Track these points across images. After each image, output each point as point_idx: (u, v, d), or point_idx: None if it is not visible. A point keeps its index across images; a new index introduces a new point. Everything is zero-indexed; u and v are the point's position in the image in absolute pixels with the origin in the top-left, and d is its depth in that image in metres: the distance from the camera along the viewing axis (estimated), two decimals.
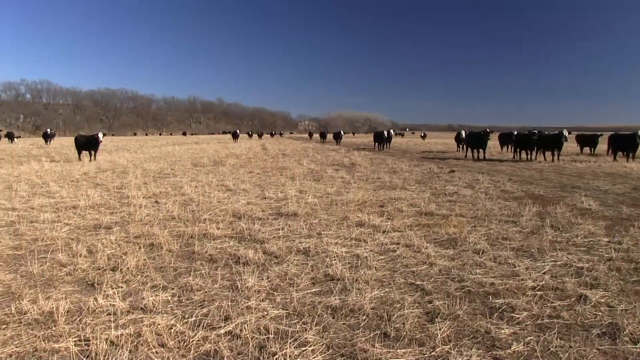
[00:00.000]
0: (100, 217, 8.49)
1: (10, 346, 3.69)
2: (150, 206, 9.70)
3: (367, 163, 21.16)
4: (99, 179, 14.85)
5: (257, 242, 6.85)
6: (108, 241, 6.75)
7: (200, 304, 4.55)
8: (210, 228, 7.57)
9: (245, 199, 10.59)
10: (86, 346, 3.68)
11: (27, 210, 9.34)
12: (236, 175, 16.03)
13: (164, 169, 18.35)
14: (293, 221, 8.19)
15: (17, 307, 4.43)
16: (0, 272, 5.48)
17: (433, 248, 6.47)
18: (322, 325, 4.09)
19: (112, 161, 22.70)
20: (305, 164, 20.61)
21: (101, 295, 4.64)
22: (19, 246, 6.69)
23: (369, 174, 16.08)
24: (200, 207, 9.50)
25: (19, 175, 16.12)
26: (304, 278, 5.29)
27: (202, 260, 6.02)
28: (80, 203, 9.95)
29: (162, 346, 3.69)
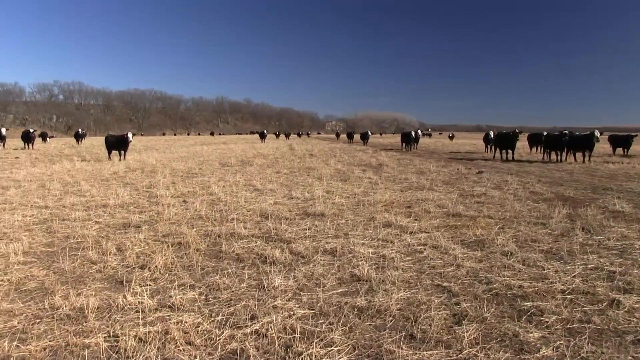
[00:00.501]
0: (129, 216, 8.67)
1: (44, 340, 3.81)
2: (178, 205, 9.86)
3: (394, 164, 21.07)
4: (129, 178, 15.16)
5: (284, 242, 6.90)
6: (137, 240, 6.90)
7: (227, 303, 4.62)
8: (237, 227, 7.66)
9: (273, 198, 10.67)
10: (115, 342, 3.77)
11: (59, 208, 9.60)
12: (263, 175, 16.15)
13: (192, 169, 18.61)
14: (320, 221, 8.22)
15: (50, 303, 4.57)
16: (34, 268, 5.66)
17: (460, 249, 6.42)
18: (348, 326, 4.10)
19: (141, 161, 23.12)
20: (332, 164, 20.63)
21: (130, 293, 4.75)
22: (52, 243, 6.90)
23: (396, 175, 16.02)
24: (228, 207, 9.61)
25: (51, 174, 16.56)
26: (331, 278, 5.32)
27: (229, 259, 6.10)
28: (110, 202, 10.18)
29: (189, 344, 3.76)
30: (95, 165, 20.23)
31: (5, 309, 4.44)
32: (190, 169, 18.45)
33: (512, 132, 24.77)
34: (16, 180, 14.67)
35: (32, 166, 20.26)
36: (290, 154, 29.04)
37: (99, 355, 3.58)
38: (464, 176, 15.82)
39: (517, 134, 24.43)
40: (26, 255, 6.25)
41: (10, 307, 4.49)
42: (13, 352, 3.60)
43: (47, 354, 3.61)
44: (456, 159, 26.05)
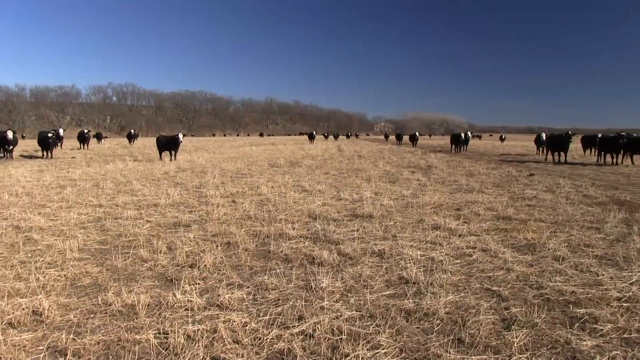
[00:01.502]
0: (179, 215, 8.89)
1: (97, 334, 3.96)
2: (227, 205, 10.05)
3: (443, 165, 20.79)
4: (179, 178, 15.57)
5: (332, 243, 6.92)
6: (187, 239, 7.07)
7: (275, 303, 4.67)
8: (285, 228, 7.73)
9: (321, 199, 10.72)
10: (165, 339, 3.88)
11: (112, 207, 9.96)
12: (312, 176, 16.25)
13: (241, 169, 18.92)
14: (368, 223, 8.21)
15: (103, 299, 4.75)
16: (89, 265, 5.89)
17: (510, 253, 6.30)
18: (395, 329, 4.08)
19: (192, 161, 23.70)
20: (380, 165, 20.56)
21: (179, 291, 4.87)
22: (105, 241, 7.16)
23: (445, 177, 15.83)
24: (277, 207, 9.72)
25: (105, 173, 17.21)
26: (378, 280, 5.30)
27: (278, 259, 6.17)
28: (161, 201, 10.48)
29: (237, 343, 3.82)
30: (146, 165, 20.88)
31: (62, 303, 4.64)
32: (239, 170, 18.77)
33: (565, 133, 23.98)
34: (72, 179, 15.34)
35: (87, 166, 21.12)
36: (338, 155, 29.09)
37: (149, 351, 3.69)
38: (515, 179, 15.47)
39: (570, 136, 23.64)
40: (81, 252, 6.52)
41: (66, 302, 4.69)
42: (70, 345, 3.76)
43: (101, 348, 3.75)
44: (507, 161, 25.50)
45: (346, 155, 28.82)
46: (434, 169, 18.86)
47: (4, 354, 3.61)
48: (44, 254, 6.39)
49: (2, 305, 4.48)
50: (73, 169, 19.08)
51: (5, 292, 4.86)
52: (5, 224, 8.12)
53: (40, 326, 4.16)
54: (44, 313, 4.37)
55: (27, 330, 4.06)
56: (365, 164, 21.37)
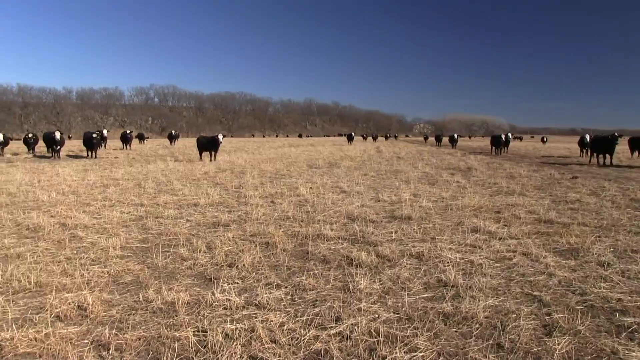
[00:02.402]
0: (219, 215, 9.04)
1: (138, 330, 4.09)
2: (266, 206, 10.16)
3: (483, 167, 20.44)
4: (219, 178, 15.82)
5: (370, 244, 6.93)
6: (226, 238, 7.19)
7: (313, 304, 4.71)
8: (324, 229, 7.78)
9: (359, 201, 10.73)
10: (203, 337, 3.96)
11: (153, 206, 10.21)
12: (350, 177, 16.26)
13: (280, 170, 19.08)
14: (407, 225, 8.18)
15: (144, 296, 4.89)
16: (131, 263, 6.07)
17: (552, 258, 6.16)
18: (433, 332, 4.06)
19: (231, 162, 24.04)
20: (419, 167, 20.40)
21: (218, 290, 4.97)
22: (146, 239, 7.36)
23: (485, 179, 15.58)
24: (315, 208, 9.78)
25: (147, 173, 17.66)
26: (416, 282, 5.29)
27: (316, 260, 6.21)
28: (201, 201, 10.67)
29: (274, 342, 3.87)
30: (187, 166, 21.30)
31: (105, 299, 4.80)
32: (278, 171, 18.93)
33: (611, 135, 23.22)
34: (115, 178, 15.80)
35: (129, 166, 21.70)
36: (377, 157, 29.01)
37: (188, 348, 3.78)
38: (557, 181, 15.09)
39: (616, 137, 22.87)
40: (123, 250, 6.72)
41: (109, 298, 4.85)
42: (112, 340, 3.89)
43: (141, 344, 3.87)
44: (548, 163, 24.87)
45: (385, 157, 28.71)
46: (474, 171, 18.59)
47: (53, 345, 3.77)
48: (88, 251, 6.63)
49: (50, 299, 4.67)
50: (116, 169, 19.64)
51: (53, 287, 5.07)
52: (53, 221, 8.45)
53: (84, 320, 4.32)
54: (89, 308, 4.53)
55: (73, 324, 4.23)
56: (404, 166, 21.26)
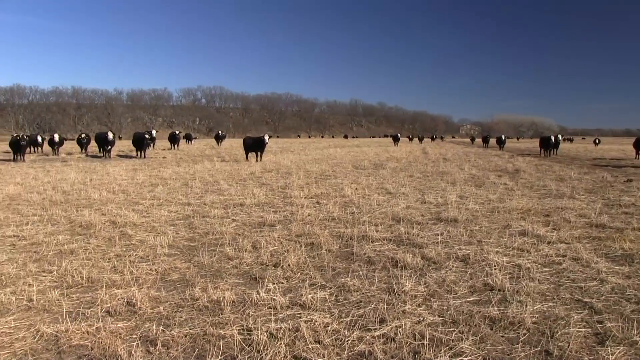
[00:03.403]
0: (264, 215, 9.16)
1: (185, 327, 4.18)
2: (311, 206, 10.22)
3: (531, 169, 19.91)
4: (264, 178, 16.01)
5: (415, 246, 6.88)
6: (271, 238, 7.27)
7: (357, 305, 4.71)
8: (369, 230, 7.76)
9: (405, 202, 10.65)
10: (248, 335, 4.02)
11: (200, 205, 10.43)
12: (396, 178, 16.17)
13: (325, 171, 19.15)
14: (453, 227, 8.08)
15: (190, 294, 5.00)
16: (178, 261, 6.22)
17: (605, 263, 5.97)
18: (479, 336, 3.99)
19: (277, 162, 24.28)
20: (466, 169, 20.08)
21: (263, 289, 5.03)
22: (193, 238, 7.52)
23: (533, 181, 15.21)
24: (360, 209, 9.76)
25: (194, 173, 18.05)
26: (462, 286, 5.21)
27: (360, 261, 6.21)
28: (247, 201, 10.83)
29: (318, 343, 3.89)
30: (233, 166, 21.65)
31: (153, 296, 4.94)
32: (323, 171, 19.00)
33: None
34: (163, 178, 16.22)
35: (177, 165, 22.22)
36: (423, 158, 28.73)
37: (233, 346, 3.84)
38: (610, 184, 14.57)
39: None
40: (171, 248, 6.89)
41: (157, 295, 4.98)
42: (160, 336, 4.00)
43: (187, 341, 3.95)
44: (601, 165, 23.99)
45: (431, 158, 28.40)
46: (522, 173, 18.16)
47: (103, 339, 3.90)
48: (137, 248, 6.83)
49: (101, 295, 4.84)
50: (164, 169, 20.17)
51: (104, 283, 5.26)
52: (104, 219, 8.75)
53: (133, 316, 4.45)
54: (137, 304, 4.67)
55: (122, 320, 4.36)
56: (451, 167, 20.98)
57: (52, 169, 20.67)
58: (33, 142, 34.06)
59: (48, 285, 5.27)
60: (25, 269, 5.85)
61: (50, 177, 16.95)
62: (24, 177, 17.05)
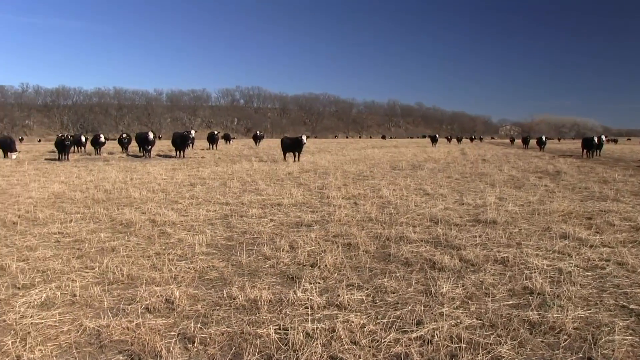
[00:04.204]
0: (302, 215, 9.20)
1: (222, 325, 4.24)
2: (349, 207, 10.21)
3: (573, 171, 19.35)
4: (302, 179, 16.09)
5: (453, 248, 6.80)
6: (308, 238, 7.30)
7: (394, 306, 4.69)
8: (406, 231, 7.71)
9: (443, 204, 10.54)
10: (284, 334, 4.05)
11: (238, 205, 10.55)
12: (434, 179, 16.02)
13: (363, 171, 19.11)
14: (491, 229, 7.95)
15: (227, 292, 5.06)
16: (215, 260, 6.31)
17: None
18: (517, 340, 3.91)
19: (314, 162, 24.36)
20: (505, 170, 19.70)
21: (300, 289, 5.05)
22: (231, 237, 7.62)
23: (575, 183, 14.79)
24: (398, 210, 9.71)
25: (232, 173, 18.29)
26: (501, 289, 5.13)
27: (398, 262, 6.17)
28: (284, 201, 10.90)
29: (354, 344, 3.88)
30: (271, 166, 21.83)
31: (191, 294, 5.02)
32: (361, 172, 18.97)
33: None
34: (202, 177, 16.50)
35: (216, 165, 22.56)
36: (462, 159, 28.36)
37: (270, 345, 3.87)
38: None
39: None
40: (209, 247, 7.00)
41: (195, 293, 5.07)
42: (197, 333, 4.07)
43: (225, 339, 4.01)
44: None
45: (469, 159, 27.99)
46: (563, 175, 17.67)
47: (143, 335, 3.99)
48: (175, 247, 6.96)
49: (140, 292, 4.97)
50: (203, 168, 20.50)
51: (144, 280, 5.37)
52: (144, 217, 8.95)
53: (172, 313, 4.54)
54: (175, 302, 4.76)
55: (161, 316, 4.46)
56: (490, 168, 20.62)
57: (95, 168, 21.30)
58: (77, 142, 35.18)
59: (90, 281, 5.44)
60: (69, 264, 6.06)
61: (93, 176, 17.47)
62: (68, 175, 17.63)
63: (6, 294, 5.04)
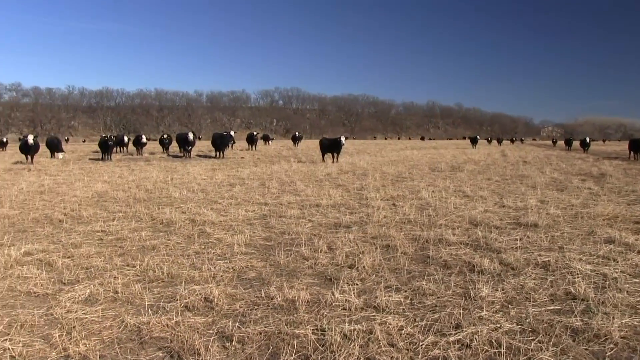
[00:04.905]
0: (340, 216, 9.21)
1: (260, 325, 4.29)
2: (387, 208, 10.16)
3: (619, 174, 18.68)
4: (341, 180, 16.09)
5: (493, 251, 6.70)
6: (347, 239, 7.30)
7: (432, 309, 4.64)
8: (445, 234, 7.63)
9: (483, 206, 10.38)
10: (322, 335, 4.06)
11: (276, 205, 10.63)
12: (474, 181, 15.79)
13: (401, 173, 18.98)
14: (532, 232, 7.78)
15: (266, 292, 5.11)
16: (254, 259, 6.38)
17: None
18: (560, 347, 3.81)
19: (353, 163, 24.33)
20: (547, 172, 19.21)
21: (338, 290, 5.05)
22: (269, 237, 7.69)
23: (621, 186, 14.28)
24: (437, 212, 9.61)
25: (271, 173, 18.44)
26: (542, 293, 5.01)
27: (436, 265, 6.12)
28: (323, 202, 10.93)
29: (392, 346, 3.86)
30: (310, 167, 21.91)
31: (229, 293, 5.09)
32: (400, 173, 18.85)
33: None
34: (241, 178, 16.69)
35: (255, 166, 22.78)
36: (502, 161, 27.83)
37: (307, 346, 3.89)
38: None
39: None
40: (247, 247, 7.08)
41: (233, 292, 5.13)
42: (235, 332, 4.12)
43: (262, 338, 4.05)
44: None
45: (510, 161, 27.44)
46: (608, 177, 17.08)
47: (182, 333, 4.07)
48: (215, 246, 7.07)
49: (180, 290, 5.08)
50: (242, 169, 20.74)
51: (183, 279, 5.48)
52: (184, 217, 9.12)
53: (210, 312, 4.62)
54: (214, 300, 4.83)
55: (200, 315, 4.53)
56: (531, 170, 20.15)
57: (136, 168, 21.82)
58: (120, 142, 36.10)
59: (132, 279, 5.58)
60: (111, 262, 6.23)
61: (135, 175, 17.90)
62: (111, 175, 18.12)
63: (53, 289, 5.24)
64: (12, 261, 6.23)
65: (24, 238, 7.63)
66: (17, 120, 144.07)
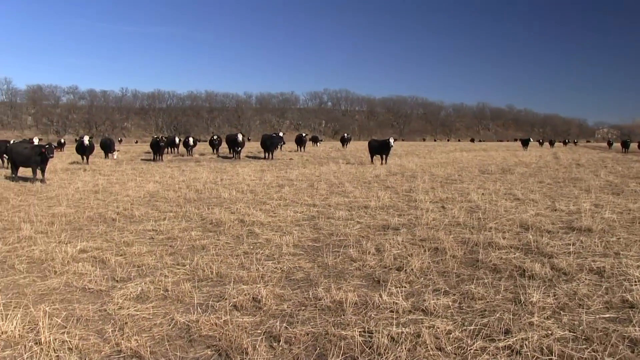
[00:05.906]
0: (388, 218, 9.16)
1: (307, 326, 4.32)
2: (436, 211, 10.04)
3: None
4: (389, 181, 15.99)
5: (544, 255, 6.52)
6: (395, 242, 7.26)
7: (481, 314, 4.57)
8: (495, 237, 7.47)
9: (534, 209, 10.10)
10: (369, 337, 4.05)
11: (325, 207, 10.67)
12: (525, 184, 15.39)
13: (451, 175, 18.71)
14: (586, 237, 7.51)
15: (313, 293, 5.14)
16: (302, 261, 6.43)
17: None
18: (616, 357, 3.67)
19: (402, 165, 24.13)
20: (602, 175, 18.48)
21: (386, 293, 5.03)
22: (317, 239, 7.73)
23: None
24: (486, 215, 9.42)
25: (319, 175, 18.51)
26: (596, 300, 4.84)
27: (486, 269, 6.01)
28: (371, 204, 10.89)
29: (440, 350, 3.82)
30: (358, 168, 21.88)
31: (277, 293, 5.15)
32: (449, 175, 18.58)
33: None
34: (289, 179, 16.83)
35: (303, 167, 22.94)
36: (554, 163, 27.02)
37: (354, 347, 3.89)
38: None
39: None
40: (296, 248, 7.14)
41: (281, 293, 5.19)
42: (283, 332, 4.16)
43: (309, 339, 4.08)
44: None
45: (563, 163, 26.59)
46: None
47: (230, 332, 4.15)
48: (263, 247, 7.16)
49: (229, 290, 5.17)
50: (290, 170, 20.91)
51: (232, 278, 5.58)
52: (233, 217, 9.27)
53: (258, 312, 4.68)
54: (262, 300, 4.90)
55: (248, 314, 4.61)
56: (585, 173, 19.47)
57: (187, 168, 22.35)
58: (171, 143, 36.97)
59: (182, 278, 5.71)
60: (162, 261, 6.40)
61: (185, 176, 18.33)
62: (162, 175, 18.61)
63: (106, 286, 5.43)
64: (68, 258, 6.50)
65: (79, 236, 7.94)
66: (74, 122, 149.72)
